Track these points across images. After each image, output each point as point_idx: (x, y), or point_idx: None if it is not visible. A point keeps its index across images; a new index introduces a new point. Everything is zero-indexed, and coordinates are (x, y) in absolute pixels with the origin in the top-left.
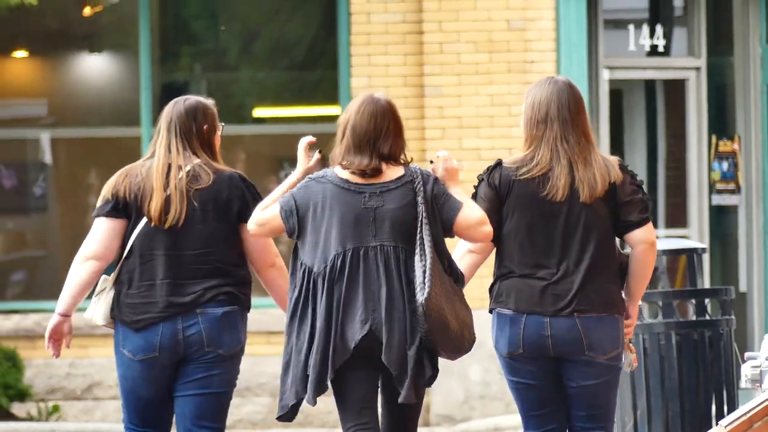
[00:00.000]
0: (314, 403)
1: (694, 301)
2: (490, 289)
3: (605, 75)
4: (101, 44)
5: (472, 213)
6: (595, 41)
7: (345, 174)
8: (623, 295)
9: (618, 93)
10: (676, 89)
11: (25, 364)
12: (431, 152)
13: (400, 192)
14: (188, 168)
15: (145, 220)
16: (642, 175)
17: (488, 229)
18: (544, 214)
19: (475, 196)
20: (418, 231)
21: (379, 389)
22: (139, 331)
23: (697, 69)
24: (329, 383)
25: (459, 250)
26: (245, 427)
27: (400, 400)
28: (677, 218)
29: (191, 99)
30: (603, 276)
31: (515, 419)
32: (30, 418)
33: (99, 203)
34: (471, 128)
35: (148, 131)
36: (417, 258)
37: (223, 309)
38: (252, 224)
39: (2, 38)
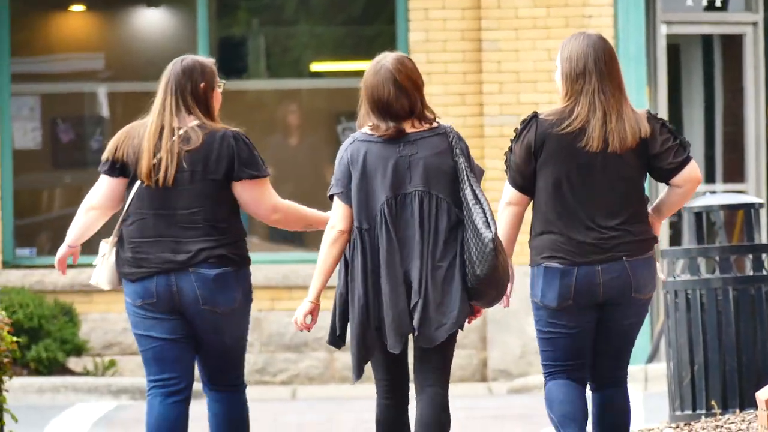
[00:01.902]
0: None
1: (751, 256)
2: (530, 243)
3: (663, 30)
4: None
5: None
6: None
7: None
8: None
9: (675, 48)
10: (733, 44)
11: (81, 319)
12: (488, 107)
13: (433, 141)
14: (181, 130)
15: (139, 180)
16: (699, 130)
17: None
18: (580, 165)
19: (510, 150)
20: (463, 177)
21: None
22: (135, 281)
23: (755, 24)
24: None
25: (500, 204)
26: (302, 382)
27: (435, 340)
28: (735, 173)
29: (188, 58)
30: (640, 220)
31: None
32: (86, 373)
33: (102, 160)
34: (528, 83)
35: None
36: (470, 199)
37: (215, 271)
38: (330, 234)
39: None
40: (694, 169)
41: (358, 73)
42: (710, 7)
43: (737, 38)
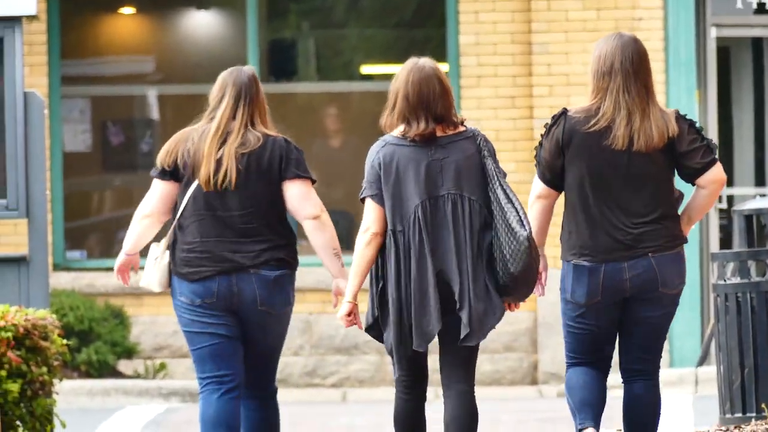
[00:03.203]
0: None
1: None
2: (562, 239)
3: (713, 33)
4: (208, 1)
5: None
6: None
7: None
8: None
9: (725, 51)
10: None
11: (131, 322)
12: (539, 110)
13: (463, 144)
14: (240, 133)
15: (195, 183)
16: (749, 133)
17: None
18: (606, 163)
19: (540, 145)
20: (493, 178)
21: (441, 333)
22: (195, 281)
23: None
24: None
25: (530, 197)
26: (352, 385)
27: (469, 342)
28: None
29: (250, 68)
30: (668, 218)
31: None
32: (137, 376)
33: (156, 165)
34: (579, 85)
35: None
36: (502, 199)
37: (275, 273)
38: (364, 236)
39: None
40: (719, 170)
41: None
42: (760, 9)
43: None
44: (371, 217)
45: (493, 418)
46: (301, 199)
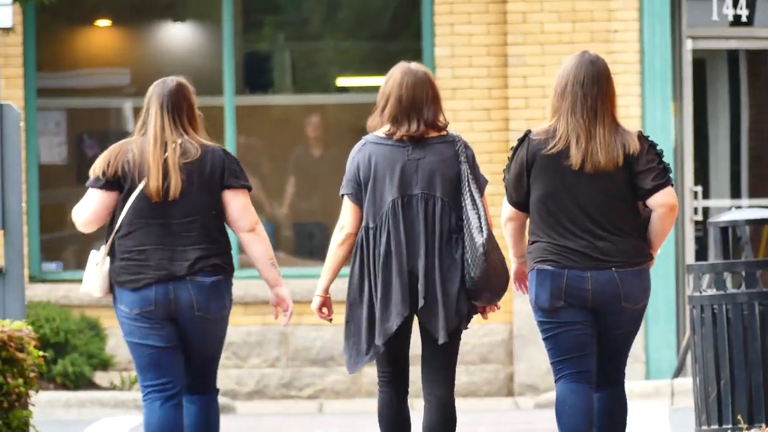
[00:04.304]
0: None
1: None
2: (528, 250)
3: (688, 45)
4: (184, 13)
5: (486, 209)
6: (678, 11)
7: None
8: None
9: (701, 63)
10: (759, 59)
11: (107, 333)
12: (514, 122)
13: (441, 147)
14: (180, 143)
15: (136, 193)
16: (725, 145)
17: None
18: (567, 181)
19: (507, 168)
20: (464, 183)
21: (422, 337)
22: (134, 290)
23: None
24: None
25: (501, 220)
26: (328, 397)
27: (439, 340)
28: (760, 188)
29: (176, 79)
30: (630, 234)
31: None
32: (113, 387)
33: (92, 176)
34: None
35: (231, 100)
36: (468, 205)
37: (211, 279)
38: (338, 235)
39: (86, 8)
40: (669, 194)
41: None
42: (736, 22)
43: (763, 53)
44: (347, 217)
45: (469, 430)
46: (241, 210)
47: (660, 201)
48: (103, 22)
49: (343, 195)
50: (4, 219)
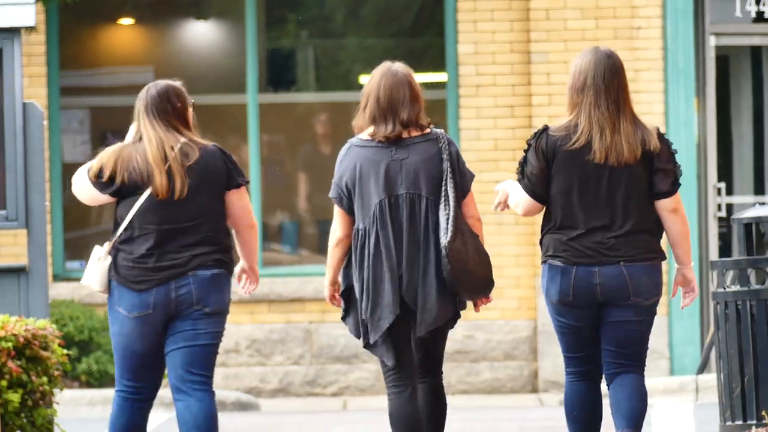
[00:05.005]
0: (365, 342)
1: None
2: (541, 243)
3: (712, 41)
4: (207, 11)
5: (473, 205)
6: (701, 8)
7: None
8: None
9: (724, 59)
10: None
11: None
12: (538, 119)
13: (424, 146)
14: (178, 146)
15: (144, 196)
16: (748, 141)
17: (479, 225)
18: (588, 175)
19: (524, 161)
20: (443, 182)
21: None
22: (136, 292)
23: None
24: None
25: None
26: (353, 394)
27: (417, 334)
28: None
29: (160, 83)
30: (645, 230)
31: None
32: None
33: (92, 178)
34: None
35: (254, 98)
36: (441, 207)
37: (211, 272)
38: (332, 237)
39: (109, 6)
40: (675, 201)
41: None
42: (759, 18)
43: None
44: (336, 221)
45: (493, 426)
46: (245, 209)
47: (666, 205)
48: (126, 20)
49: (331, 198)
50: (27, 218)
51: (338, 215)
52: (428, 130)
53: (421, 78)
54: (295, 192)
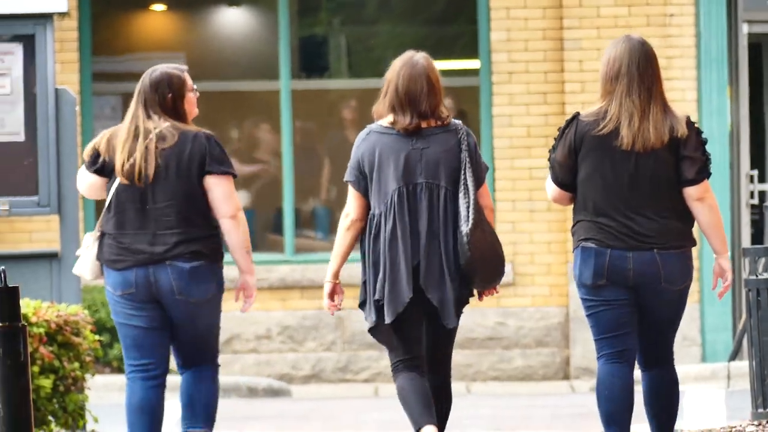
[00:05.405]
0: (372, 323)
1: None
2: (572, 230)
3: (744, 29)
4: None
5: (486, 195)
6: None
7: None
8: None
9: (757, 47)
10: None
11: None
12: (570, 106)
13: (444, 137)
14: (157, 130)
15: (118, 178)
16: None
17: (492, 215)
18: (615, 161)
19: (553, 149)
20: (462, 172)
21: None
22: (117, 270)
23: None
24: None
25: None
26: (384, 380)
27: (443, 321)
28: None
29: (158, 71)
30: (675, 217)
31: None
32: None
33: (85, 158)
34: None
35: (287, 84)
36: (461, 195)
37: (189, 264)
38: (344, 221)
39: None
40: (703, 189)
41: (441, 73)
42: None
43: None
44: (351, 203)
45: (525, 413)
46: (222, 197)
47: (693, 193)
48: (159, 6)
49: (347, 181)
50: (60, 204)
51: (353, 198)
52: (448, 122)
53: (453, 65)
54: (327, 178)
